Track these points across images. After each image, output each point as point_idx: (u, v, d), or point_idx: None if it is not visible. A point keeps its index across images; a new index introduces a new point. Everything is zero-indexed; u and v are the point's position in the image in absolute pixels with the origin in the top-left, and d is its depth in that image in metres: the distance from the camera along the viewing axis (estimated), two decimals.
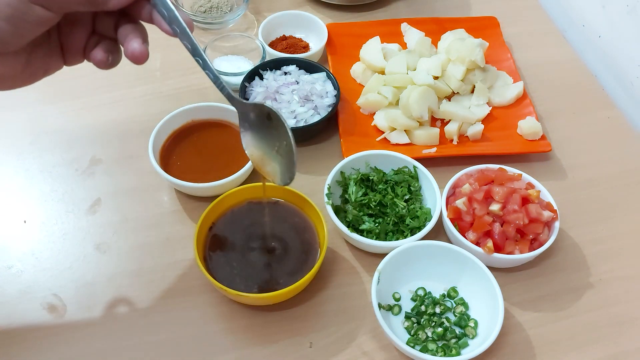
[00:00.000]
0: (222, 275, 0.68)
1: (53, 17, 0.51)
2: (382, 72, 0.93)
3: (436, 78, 0.90)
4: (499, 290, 0.66)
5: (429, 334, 0.67)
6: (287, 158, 0.60)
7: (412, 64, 0.93)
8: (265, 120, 0.60)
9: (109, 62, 0.56)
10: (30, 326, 0.67)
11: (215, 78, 0.59)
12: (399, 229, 0.74)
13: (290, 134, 0.58)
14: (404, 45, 1.01)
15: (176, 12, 0.55)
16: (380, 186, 0.77)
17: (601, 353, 0.68)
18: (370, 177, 0.77)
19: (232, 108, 0.83)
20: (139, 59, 0.54)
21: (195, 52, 0.56)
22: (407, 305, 0.71)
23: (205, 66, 0.57)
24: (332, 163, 0.79)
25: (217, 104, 0.85)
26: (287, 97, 0.86)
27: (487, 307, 0.68)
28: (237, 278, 0.68)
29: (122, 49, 0.56)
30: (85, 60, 0.57)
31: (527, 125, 0.87)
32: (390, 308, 0.70)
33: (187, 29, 0.55)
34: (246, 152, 0.63)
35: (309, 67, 0.91)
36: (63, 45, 0.56)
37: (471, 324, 0.68)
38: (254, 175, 0.82)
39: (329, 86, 0.89)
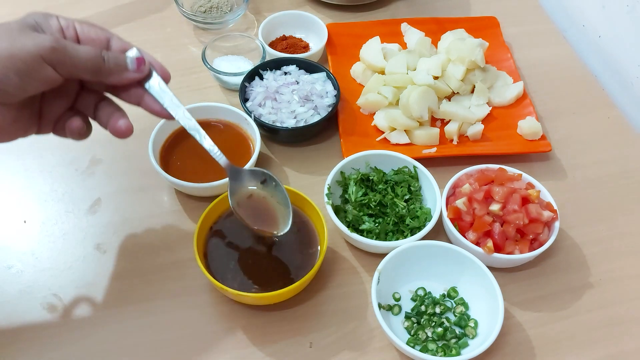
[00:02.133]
0: (222, 275, 0.68)
1: (58, 79, 0.54)
2: (382, 72, 0.93)
3: (436, 78, 0.89)
4: (499, 290, 0.66)
5: (429, 334, 0.67)
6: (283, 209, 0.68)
7: (412, 64, 0.93)
8: (259, 184, 0.69)
9: (82, 132, 0.61)
10: (30, 326, 0.67)
11: (211, 147, 0.65)
12: (399, 229, 0.74)
13: (285, 193, 0.67)
14: (404, 45, 1.01)
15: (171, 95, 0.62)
16: (380, 186, 0.77)
17: (601, 353, 0.68)
18: (370, 177, 0.77)
19: (232, 108, 0.84)
20: (125, 133, 0.60)
21: (190, 127, 0.64)
22: (407, 305, 0.71)
23: (201, 140, 0.64)
24: (332, 163, 0.79)
25: (217, 104, 0.85)
26: (287, 97, 0.86)
27: (487, 307, 0.68)
28: (237, 278, 0.68)
29: (92, 125, 0.62)
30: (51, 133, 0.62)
31: (527, 125, 0.87)
32: (390, 308, 0.70)
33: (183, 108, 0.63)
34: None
35: (309, 67, 0.91)
36: (42, 112, 0.60)
37: (471, 324, 0.68)
38: None
39: (329, 86, 0.89)
